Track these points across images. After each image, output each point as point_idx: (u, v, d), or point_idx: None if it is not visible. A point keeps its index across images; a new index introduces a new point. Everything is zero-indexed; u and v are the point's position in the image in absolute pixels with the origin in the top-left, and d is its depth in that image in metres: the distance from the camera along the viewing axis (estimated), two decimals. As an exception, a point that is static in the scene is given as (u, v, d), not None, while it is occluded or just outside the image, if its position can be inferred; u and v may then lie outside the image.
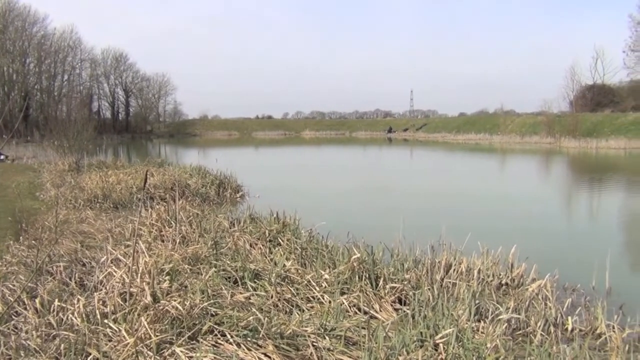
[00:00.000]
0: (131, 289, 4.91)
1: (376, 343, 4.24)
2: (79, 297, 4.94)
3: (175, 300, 4.59)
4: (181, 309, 4.47)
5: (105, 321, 4.46)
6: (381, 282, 5.99)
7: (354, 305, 5.48)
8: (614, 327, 5.26)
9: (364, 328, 4.69)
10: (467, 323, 4.82)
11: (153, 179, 14.56)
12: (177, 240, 7.57)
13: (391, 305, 5.67)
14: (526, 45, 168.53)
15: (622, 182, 22.31)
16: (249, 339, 4.28)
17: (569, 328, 5.35)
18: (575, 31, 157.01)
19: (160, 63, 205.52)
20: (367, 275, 6.07)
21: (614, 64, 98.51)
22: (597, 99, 62.16)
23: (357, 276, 6.05)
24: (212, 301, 4.90)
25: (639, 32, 60.66)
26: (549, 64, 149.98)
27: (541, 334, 5.00)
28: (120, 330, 4.25)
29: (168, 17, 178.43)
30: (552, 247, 9.66)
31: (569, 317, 5.50)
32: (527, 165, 32.71)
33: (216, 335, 4.34)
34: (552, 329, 5.20)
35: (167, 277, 5.47)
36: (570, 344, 4.72)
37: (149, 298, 4.73)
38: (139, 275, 5.21)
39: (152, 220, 8.75)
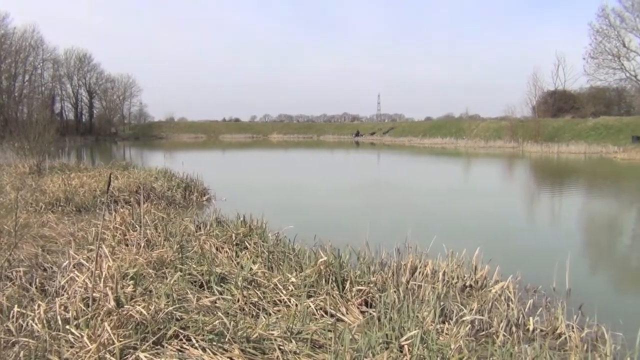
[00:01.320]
0: (94, 294, 4.82)
1: (342, 345, 4.26)
2: (39, 302, 4.82)
3: (139, 305, 4.53)
4: (145, 314, 4.41)
5: (67, 327, 4.36)
6: (348, 285, 6.02)
7: (321, 308, 5.49)
8: (573, 327, 5.42)
9: (330, 331, 4.71)
10: (431, 325, 4.90)
11: (117, 182, 14.31)
12: (142, 244, 7.46)
13: (357, 307, 5.70)
14: (491, 50, 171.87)
15: (582, 186, 22.94)
16: (214, 343, 4.25)
17: (530, 328, 5.47)
18: (538, 38, 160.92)
19: (126, 64, 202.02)
20: (333, 278, 6.09)
21: (574, 71, 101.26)
22: (559, 104, 63.85)
23: (323, 279, 6.07)
24: (177, 305, 4.85)
25: (598, 40, 62.59)
26: (513, 70, 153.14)
27: (503, 335, 5.10)
28: (82, 336, 4.16)
29: (133, 18, 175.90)
30: (515, 249, 9.87)
31: (531, 318, 5.62)
32: (491, 169, 33.32)
33: (181, 339, 4.30)
34: (514, 329, 5.32)
35: (131, 282, 5.38)
36: (531, 344, 4.83)
37: (113, 303, 4.66)
38: (102, 279, 5.12)
39: (116, 224, 8.60)
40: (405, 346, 4.40)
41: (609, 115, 56.81)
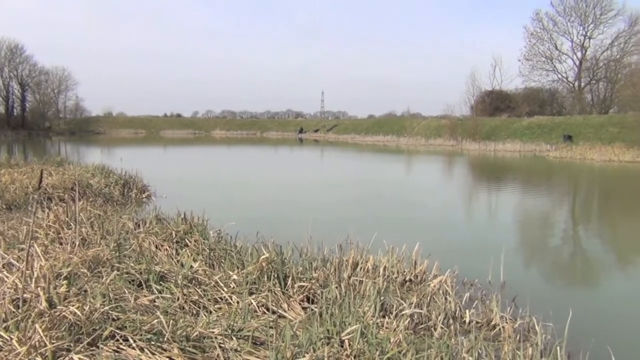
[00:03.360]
0: (24, 295, 4.62)
1: (283, 342, 4.26)
2: (-36, 305, 4.58)
3: (73, 306, 4.37)
4: (80, 314, 4.26)
5: (-5, 330, 4.16)
6: (290, 282, 6.02)
7: (263, 305, 5.47)
8: (506, 319, 5.66)
9: (271, 327, 4.70)
10: (372, 319, 4.96)
11: (51, 178, 13.77)
12: (77, 243, 7.20)
13: (299, 304, 5.72)
14: (433, 50, 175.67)
15: (517, 182, 23.82)
16: (152, 342, 4.16)
17: (467, 321, 5.65)
18: (477, 39, 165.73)
19: (61, 57, 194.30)
20: (275, 275, 6.08)
21: (510, 72, 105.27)
22: (495, 104, 65.93)
23: (265, 276, 6.05)
24: (113, 305, 4.71)
25: (532, 43, 65.22)
26: (453, 70, 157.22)
27: (441, 327, 5.24)
28: (11, 339, 3.98)
29: (69, 7, 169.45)
30: (453, 244, 10.16)
31: (467, 311, 5.80)
32: (431, 166, 34.09)
33: (118, 340, 4.18)
34: (451, 322, 5.48)
35: (65, 282, 5.19)
36: (467, 335, 4.99)
37: (45, 304, 4.47)
38: (34, 280, 4.91)
39: (49, 222, 8.26)
40: (346, 341, 4.45)
41: (542, 115, 59.14)
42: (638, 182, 24.40)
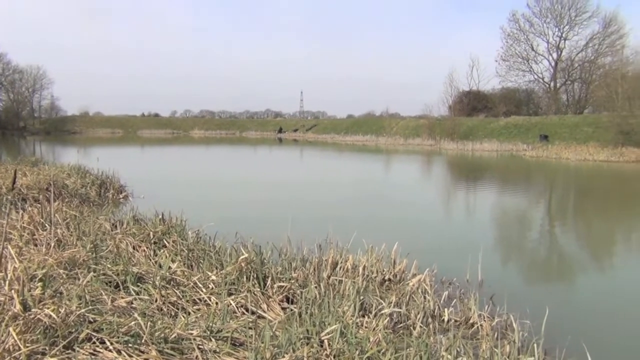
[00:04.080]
0: (-2, 298, 4.53)
1: (263, 342, 4.24)
2: None
3: (48, 308, 4.29)
4: (55, 317, 4.18)
5: (-33, 334, 4.07)
6: (269, 282, 6.00)
7: (242, 306, 5.44)
8: (484, 317, 5.72)
9: (251, 328, 4.68)
10: (351, 319, 4.96)
11: (26, 178, 13.52)
12: (52, 244, 7.08)
13: (279, 304, 5.70)
14: (412, 51, 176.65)
15: (494, 182, 24.09)
16: (130, 345, 4.10)
17: (446, 319, 5.69)
18: (455, 39, 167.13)
19: (36, 55, 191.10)
20: (255, 275, 6.05)
21: (487, 72, 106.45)
22: (473, 104, 66.61)
23: (244, 276, 6.02)
24: (90, 307, 4.63)
25: (509, 44, 66.01)
26: (432, 70, 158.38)
27: (420, 326, 5.27)
28: (-16, 343, 3.90)
29: (43, 4, 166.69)
30: (432, 243, 10.23)
31: (446, 309, 5.85)
32: (410, 165, 34.29)
33: (94, 342, 4.11)
34: (430, 320, 5.52)
35: (40, 284, 5.09)
36: (446, 334, 5.03)
37: (19, 307, 4.38)
38: (7, 282, 4.81)
39: (23, 223, 8.11)
40: (326, 340, 4.44)
41: (519, 115, 59.92)
42: (612, 181, 24.84)
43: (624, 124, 37.04)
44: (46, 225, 7.98)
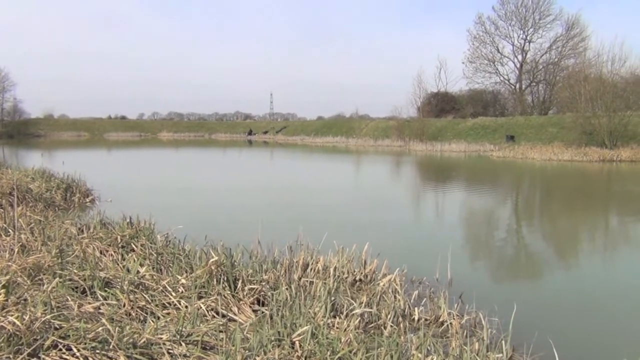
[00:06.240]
0: (-41, 306, 4.39)
1: (233, 345, 4.21)
2: None
3: (12, 315, 4.18)
4: (19, 324, 4.08)
5: None
6: (240, 284, 5.96)
7: (212, 309, 5.39)
8: (454, 315, 5.79)
9: (221, 331, 4.64)
10: (322, 319, 4.97)
11: (-13, 183, 13.15)
12: (16, 250, 6.90)
13: (250, 306, 5.67)
14: (381, 53, 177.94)
15: (463, 182, 24.43)
16: (97, 351, 4.02)
17: (416, 318, 5.74)
18: (423, 41, 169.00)
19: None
20: (225, 278, 6.00)
21: (455, 74, 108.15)
22: (441, 105, 67.43)
23: (215, 279, 5.96)
24: (56, 313, 4.53)
25: (475, 46, 67.10)
26: (401, 72, 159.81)
27: (391, 326, 5.31)
28: (-56, 353, 3.78)
29: (4, 7, 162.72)
30: (402, 243, 10.32)
31: (416, 308, 5.90)
32: (379, 166, 34.51)
33: (61, 349, 4.02)
34: (400, 320, 5.55)
35: (3, 290, 4.96)
36: (416, 333, 5.07)
37: (-19, 315, 4.26)
38: (-31, 290, 4.68)
39: (-15, 229, 7.90)
40: (297, 342, 4.44)
41: (486, 116, 60.89)
42: (576, 180, 25.43)
43: (587, 124, 37.98)
44: (9, 230, 7.78)
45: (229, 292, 5.77)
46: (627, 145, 35.82)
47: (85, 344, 4.09)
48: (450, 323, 5.60)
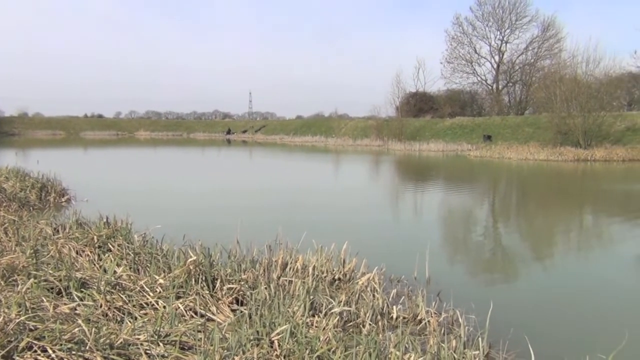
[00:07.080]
0: None
1: (212, 345, 4.20)
2: None
3: (-15, 317, 4.11)
4: (-7, 326, 4.01)
5: None
6: (218, 284, 5.94)
7: (190, 309, 5.37)
8: (432, 313, 5.86)
9: (199, 331, 4.62)
10: (301, 318, 4.98)
11: (-40, 182, 12.90)
12: (-11, 251, 6.79)
13: (228, 306, 5.65)
14: (360, 52, 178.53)
15: (441, 181, 24.62)
16: (73, 352, 3.98)
17: (394, 316, 5.78)
18: (402, 41, 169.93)
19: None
20: (203, 278, 5.98)
21: (433, 74, 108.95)
22: (419, 105, 67.86)
23: (193, 279, 5.93)
24: (30, 315, 4.47)
25: (453, 46, 67.71)
26: (380, 72, 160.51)
27: (369, 324, 5.34)
28: None
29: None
30: (381, 242, 10.37)
31: (394, 307, 5.94)
32: (358, 166, 34.59)
33: (36, 351, 3.97)
34: (379, 318, 5.59)
35: (-24, 292, 4.88)
36: (394, 331, 5.10)
37: (-47, 316, 4.18)
38: (-60, 291, 4.59)
39: (-43, 229, 7.75)
40: (276, 341, 4.44)
41: (463, 115, 61.45)
42: (551, 179, 25.81)
43: (562, 124, 38.57)
44: (-18, 230, 7.64)
45: (208, 292, 5.74)
46: (600, 145, 36.46)
47: (61, 345, 4.04)
48: (428, 321, 5.65)
